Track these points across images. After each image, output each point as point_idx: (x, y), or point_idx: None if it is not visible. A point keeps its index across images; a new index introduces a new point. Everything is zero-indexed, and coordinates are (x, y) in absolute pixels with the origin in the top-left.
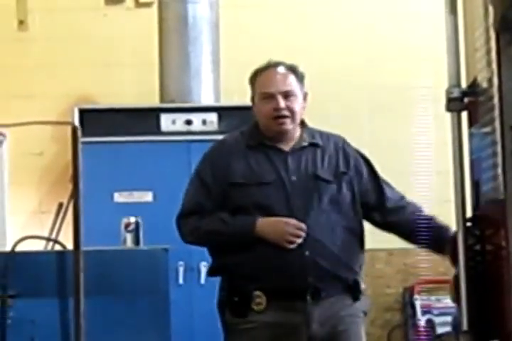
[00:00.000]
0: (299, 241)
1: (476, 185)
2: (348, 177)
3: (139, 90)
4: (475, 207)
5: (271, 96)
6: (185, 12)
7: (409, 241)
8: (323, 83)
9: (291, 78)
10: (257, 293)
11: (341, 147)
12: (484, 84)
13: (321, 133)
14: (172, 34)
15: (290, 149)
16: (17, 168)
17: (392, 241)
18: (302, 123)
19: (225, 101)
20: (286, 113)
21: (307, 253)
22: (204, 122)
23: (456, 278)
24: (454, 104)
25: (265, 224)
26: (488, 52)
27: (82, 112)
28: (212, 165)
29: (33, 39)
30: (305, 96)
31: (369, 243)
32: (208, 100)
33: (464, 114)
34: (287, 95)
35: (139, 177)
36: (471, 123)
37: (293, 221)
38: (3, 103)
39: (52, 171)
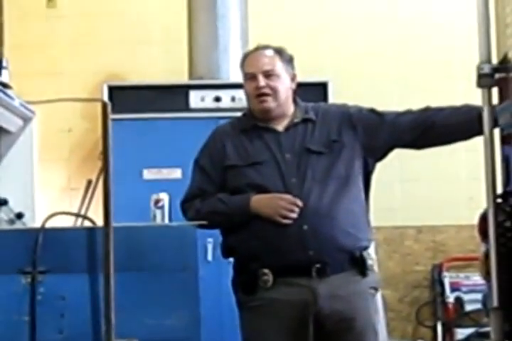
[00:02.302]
0: (294, 215)
1: (506, 162)
2: (341, 144)
3: (168, 67)
4: (505, 183)
5: (253, 76)
6: None
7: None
8: (350, 62)
9: (275, 59)
10: (264, 270)
11: (340, 113)
12: None
13: (318, 107)
14: (201, 11)
15: (283, 128)
16: (46, 145)
17: (421, 219)
18: (295, 103)
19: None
20: (267, 91)
21: (305, 227)
22: (233, 99)
23: (486, 254)
24: (484, 80)
25: (259, 200)
26: None
27: (112, 89)
28: (209, 152)
29: (61, 16)
30: (293, 77)
31: (398, 220)
32: (236, 77)
33: (495, 90)
34: (268, 74)
35: (167, 154)
36: (501, 100)
37: (287, 196)
38: (32, 80)
39: (81, 148)
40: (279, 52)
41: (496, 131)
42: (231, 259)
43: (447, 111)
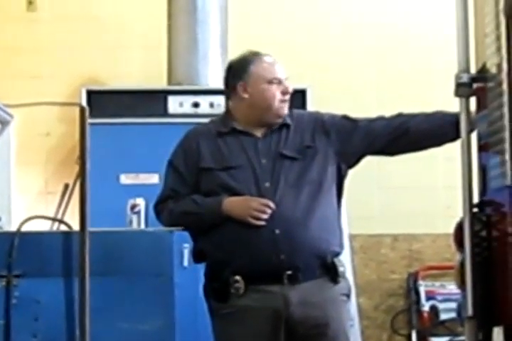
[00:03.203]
0: (265, 216)
1: (483, 171)
2: (314, 150)
3: (146, 72)
4: (482, 192)
5: (279, 81)
6: None
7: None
8: (329, 69)
9: None
10: (236, 277)
11: (314, 119)
12: (493, 70)
13: (291, 112)
14: (180, 16)
15: (262, 134)
16: (24, 149)
17: (397, 227)
18: None
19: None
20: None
21: (277, 231)
22: (211, 105)
23: (462, 264)
24: (462, 90)
25: (231, 202)
26: (498, 37)
27: (90, 93)
28: (184, 153)
29: (41, 19)
30: None
31: (374, 228)
32: (215, 83)
33: (473, 100)
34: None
35: (145, 159)
36: (479, 109)
37: (258, 198)
38: (10, 83)
39: (58, 152)
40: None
41: (473, 140)
42: (202, 264)
43: (420, 117)
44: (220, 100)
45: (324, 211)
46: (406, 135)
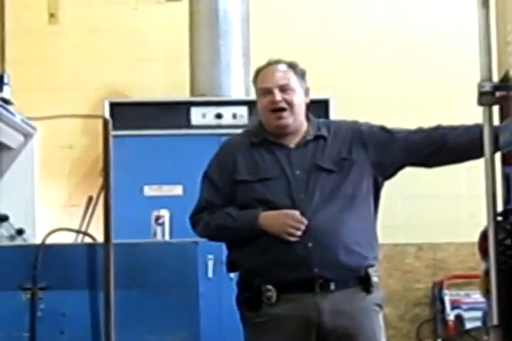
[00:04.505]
0: (299, 233)
1: (506, 180)
2: (351, 162)
3: (169, 84)
4: (506, 201)
5: (269, 91)
6: (215, 5)
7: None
8: (351, 79)
9: (289, 73)
10: (268, 287)
11: (351, 130)
12: None
13: (329, 123)
14: (203, 28)
15: (295, 145)
16: (47, 161)
17: (421, 236)
18: (308, 118)
19: (255, 95)
20: (283, 105)
21: (310, 244)
22: (234, 116)
23: (487, 272)
24: (485, 98)
25: (267, 217)
26: None
27: (113, 105)
28: (219, 165)
29: (63, 32)
30: (306, 91)
31: (399, 237)
32: (238, 94)
33: (496, 108)
34: (284, 89)
35: (168, 171)
36: (502, 118)
37: (293, 213)
38: (34, 96)
39: (81, 164)
40: (293, 66)
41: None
42: (233, 275)
43: (459, 130)
44: (242, 111)
45: (358, 224)
46: (444, 148)
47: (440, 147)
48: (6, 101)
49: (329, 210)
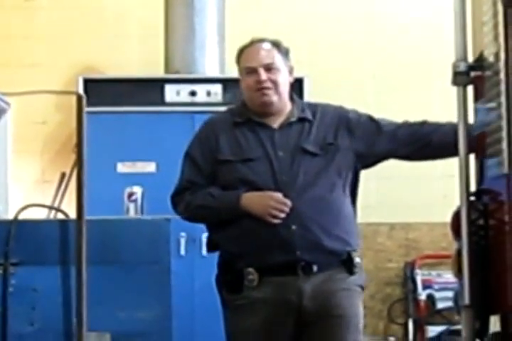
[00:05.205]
0: (283, 215)
1: (480, 160)
2: (336, 147)
3: (144, 60)
4: (479, 181)
5: (253, 70)
6: None
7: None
8: (326, 58)
9: (274, 52)
10: (249, 269)
11: (338, 115)
12: (491, 59)
13: (315, 106)
14: (178, 5)
15: (278, 125)
16: (20, 137)
17: (394, 215)
18: (292, 98)
19: (229, 73)
20: (268, 85)
21: (294, 227)
22: (208, 93)
23: (459, 252)
24: (460, 78)
25: (250, 198)
26: (496, 26)
27: (87, 82)
28: (200, 144)
29: (39, 8)
30: (290, 70)
31: (371, 217)
32: (212, 71)
33: (470, 88)
34: (269, 68)
35: (142, 148)
36: (476, 98)
37: (277, 195)
38: (8, 72)
39: (55, 140)
40: (277, 45)
41: None
42: (206, 253)
43: (445, 128)
44: (217, 89)
45: (341, 209)
46: (429, 146)
47: (425, 145)
48: None
49: (313, 193)
